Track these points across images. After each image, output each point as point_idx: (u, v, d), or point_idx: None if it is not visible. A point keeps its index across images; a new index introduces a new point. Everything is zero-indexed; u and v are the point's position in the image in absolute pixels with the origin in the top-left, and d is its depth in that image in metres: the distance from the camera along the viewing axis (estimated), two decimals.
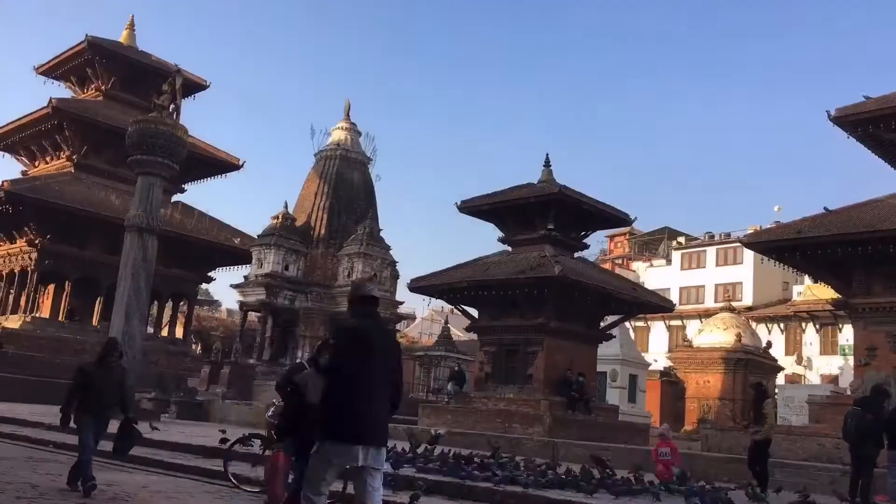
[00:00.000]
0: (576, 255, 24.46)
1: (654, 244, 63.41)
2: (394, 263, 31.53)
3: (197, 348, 41.54)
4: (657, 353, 45.55)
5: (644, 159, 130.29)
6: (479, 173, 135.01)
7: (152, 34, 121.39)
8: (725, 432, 20.05)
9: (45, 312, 31.98)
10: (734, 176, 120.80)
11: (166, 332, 36.95)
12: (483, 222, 25.16)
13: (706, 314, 43.44)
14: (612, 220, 25.12)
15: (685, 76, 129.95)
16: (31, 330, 29.04)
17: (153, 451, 12.25)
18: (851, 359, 24.25)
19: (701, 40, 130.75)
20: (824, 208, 19.33)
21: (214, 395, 24.57)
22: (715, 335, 32.33)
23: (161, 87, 21.28)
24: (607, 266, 48.71)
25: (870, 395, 12.13)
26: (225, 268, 36.23)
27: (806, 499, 10.32)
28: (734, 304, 39.25)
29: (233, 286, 31.84)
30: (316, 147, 33.69)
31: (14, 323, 29.61)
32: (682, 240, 56.63)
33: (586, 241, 24.91)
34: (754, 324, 41.12)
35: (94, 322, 31.33)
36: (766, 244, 20.78)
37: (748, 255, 44.45)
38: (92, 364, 8.83)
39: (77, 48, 34.79)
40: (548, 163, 23.88)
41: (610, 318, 25.18)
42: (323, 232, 31.90)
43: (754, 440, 12.09)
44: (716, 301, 46.16)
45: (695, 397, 31.64)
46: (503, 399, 21.64)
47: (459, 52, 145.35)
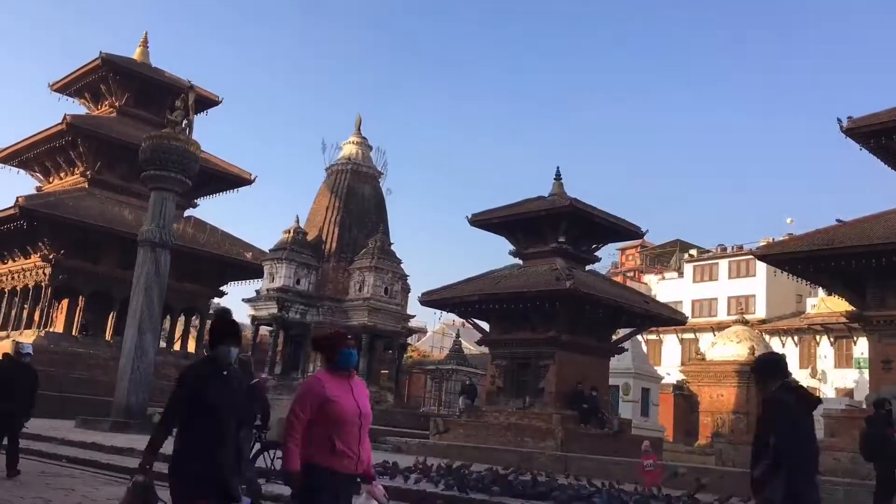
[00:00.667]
0: (587, 267, 24.41)
1: (665, 257, 63.18)
2: (405, 277, 31.57)
3: None
4: (670, 366, 45.26)
5: (655, 171, 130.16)
6: (489, 186, 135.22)
7: (166, 51, 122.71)
8: (739, 446, 19.86)
9: (59, 327, 32.11)
10: (746, 188, 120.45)
11: (178, 346, 37.03)
12: (494, 235, 25.18)
13: (719, 327, 43.19)
14: (624, 233, 25.06)
15: (694, 88, 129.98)
16: (45, 345, 29.12)
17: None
18: (867, 372, 24.04)
19: (712, 51, 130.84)
20: (837, 220, 19.20)
21: None
22: (728, 348, 32.11)
23: (174, 103, 21.48)
24: (619, 279, 48.60)
25: (874, 411, 11.94)
26: (237, 282, 36.31)
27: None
28: (747, 316, 39.01)
29: (244, 300, 31.96)
30: (327, 161, 33.89)
31: (28, 338, 29.71)
32: (693, 252, 56.37)
33: (597, 253, 24.88)
34: (768, 337, 40.81)
35: (108, 336, 31.45)
36: (779, 256, 20.64)
37: (761, 268, 44.20)
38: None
39: (91, 65, 35.08)
40: (558, 176, 23.90)
41: (622, 332, 25.10)
42: (334, 246, 31.98)
43: None
44: (729, 314, 45.88)
45: (708, 411, 31.40)
46: (515, 413, 21.55)
47: (470, 65, 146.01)
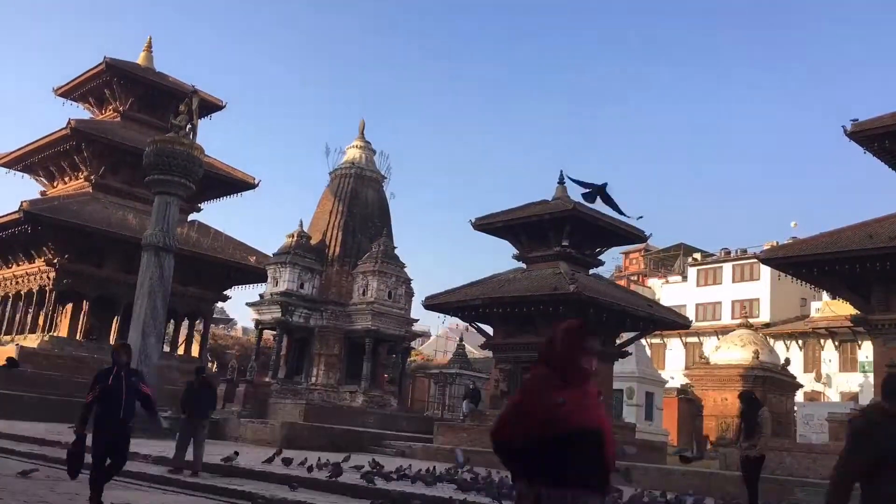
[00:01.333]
0: (591, 271, 24.38)
1: (669, 260, 63.11)
2: (408, 281, 31.54)
3: (213, 367, 41.63)
4: (674, 370, 45.18)
5: (659, 175, 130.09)
6: (493, 190, 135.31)
7: (170, 56, 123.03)
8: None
9: (63, 331, 32.16)
10: (750, 192, 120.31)
11: (182, 350, 37.07)
12: (498, 239, 25.16)
13: (723, 331, 43.13)
14: (627, 237, 25.04)
15: (697, 90, 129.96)
16: (49, 349, 29.19)
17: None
18: (871, 376, 23.98)
19: (716, 54, 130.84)
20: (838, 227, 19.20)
21: (230, 413, 24.55)
22: (732, 352, 32.05)
23: (178, 107, 21.49)
24: (622, 283, 48.50)
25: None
26: (240, 286, 36.36)
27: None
28: (751, 320, 38.92)
29: (248, 304, 31.93)
30: (331, 165, 33.86)
31: (32, 342, 29.81)
32: (697, 256, 56.28)
33: (601, 257, 24.86)
34: (772, 340, 40.74)
35: (112, 341, 31.50)
36: (783, 260, 20.61)
37: (765, 271, 44.13)
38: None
39: (95, 70, 35.18)
40: (562, 179, 23.86)
41: (626, 336, 25.05)
42: (338, 250, 31.97)
43: (747, 456, 10.72)
44: (732, 318, 45.79)
45: (712, 415, 31.32)
46: None
47: (473, 70, 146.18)
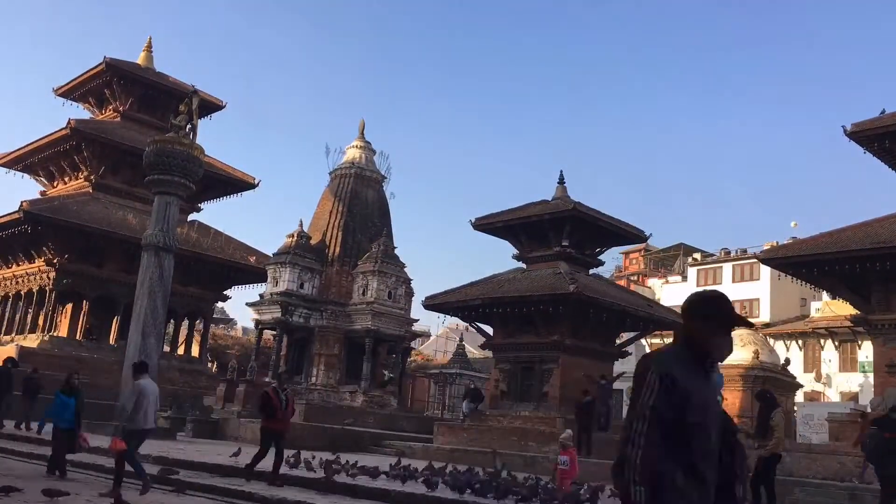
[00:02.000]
0: (591, 271, 24.40)
1: (669, 260, 63.10)
2: (408, 281, 31.55)
3: (213, 367, 41.62)
4: None
5: (659, 175, 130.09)
6: (493, 190, 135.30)
7: (170, 56, 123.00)
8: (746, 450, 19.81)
9: (63, 331, 32.16)
10: (750, 192, 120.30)
11: (182, 350, 37.06)
12: (498, 239, 25.17)
13: None
14: (627, 237, 25.06)
15: (699, 91, 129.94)
16: (49, 349, 29.18)
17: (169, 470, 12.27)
18: (871, 376, 23.97)
19: (716, 54, 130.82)
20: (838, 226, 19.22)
21: (230, 413, 24.56)
22: (732, 352, 32.06)
23: (178, 107, 21.48)
24: (622, 283, 48.51)
25: (886, 414, 11.92)
26: (240, 286, 36.37)
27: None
28: (751, 320, 38.90)
29: (248, 304, 31.96)
30: (331, 166, 33.90)
31: (32, 342, 29.81)
32: (697, 256, 56.25)
33: (601, 257, 24.88)
34: (772, 340, 40.70)
35: (112, 341, 31.52)
36: (783, 260, 20.64)
37: (765, 272, 44.07)
38: None
39: (95, 70, 35.18)
40: (562, 180, 23.88)
41: (626, 335, 25.06)
42: (338, 250, 31.98)
43: (760, 456, 11.24)
44: None
45: None
46: (519, 417, 21.53)
47: (473, 69, 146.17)
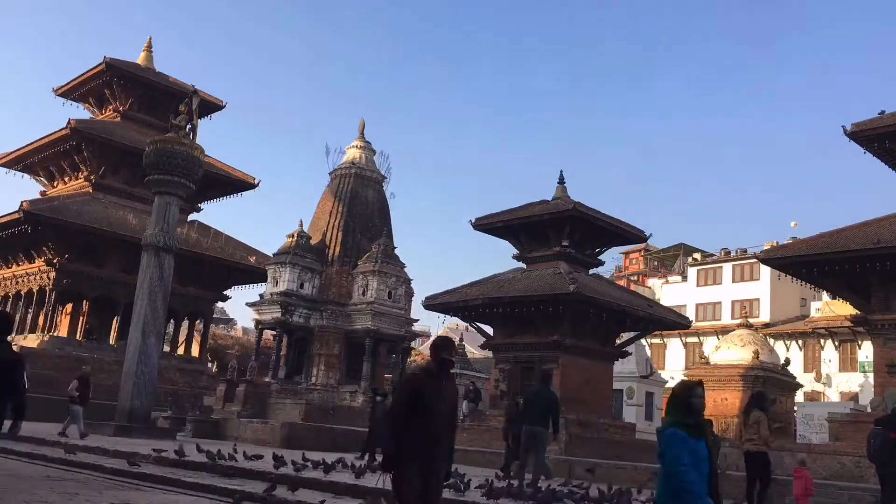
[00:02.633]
0: (591, 271, 24.39)
1: (669, 260, 63.14)
2: (408, 281, 31.57)
3: (213, 367, 41.66)
4: (674, 370, 45.15)
5: (659, 175, 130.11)
6: (493, 190, 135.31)
7: (170, 56, 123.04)
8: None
9: (63, 331, 32.18)
10: (750, 192, 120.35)
11: (182, 350, 37.09)
12: (498, 239, 25.18)
13: (723, 331, 43.11)
14: (627, 237, 25.06)
15: (699, 91, 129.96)
16: (49, 349, 29.20)
17: (171, 471, 12.28)
18: (871, 376, 23.98)
19: (716, 54, 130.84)
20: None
21: (230, 413, 24.57)
22: (732, 352, 32.03)
23: (178, 107, 21.51)
24: (622, 283, 48.55)
25: (891, 414, 11.92)
26: (240, 286, 36.41)
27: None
28: (751, 320, 38.90)
29: (248, 304, 31.97)
30: (331, 166, 33.92)
31: (32, 342, 29.82)
32: (697, 256, 56.28)
33: (601, 257, 24.87)
34: (772, 340, 40.71)
35: (112, 341, 31.55)
36: (783, 260, 20.65)
37: (765, 271, 44.12)
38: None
39: (95, 70, 35.19)
40: (562, 179, 23.88)
41: (626, 335, 25.06)
42: (338, 250, 31.99)
43: (746, 451, 10.90)
44: (732, 318, 45.76)
45: (712, 415, 31.17)
46: None
47: (473, 70, 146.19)
